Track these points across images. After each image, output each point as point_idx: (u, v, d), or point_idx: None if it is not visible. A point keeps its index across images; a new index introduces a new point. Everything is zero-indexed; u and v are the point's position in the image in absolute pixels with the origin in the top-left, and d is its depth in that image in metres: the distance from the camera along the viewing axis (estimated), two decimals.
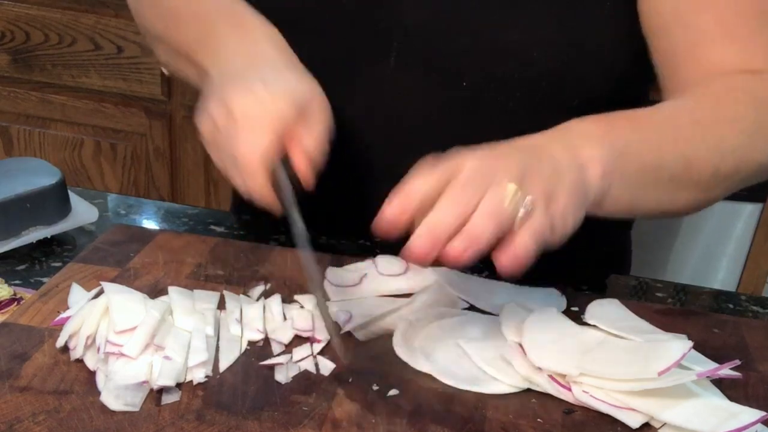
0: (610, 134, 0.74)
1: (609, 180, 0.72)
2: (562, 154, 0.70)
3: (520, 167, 0.65)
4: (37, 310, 0.72)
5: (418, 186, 0.65)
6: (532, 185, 0.65)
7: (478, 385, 0.68)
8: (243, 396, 0.64)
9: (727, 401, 0.67)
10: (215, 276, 0.80)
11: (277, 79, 0.74)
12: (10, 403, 0.61)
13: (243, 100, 0.72)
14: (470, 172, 0.65)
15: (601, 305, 0.81)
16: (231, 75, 0.77)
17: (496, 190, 0.63)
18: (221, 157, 0.75)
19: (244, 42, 0.82)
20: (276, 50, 0.80)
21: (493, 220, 0.62)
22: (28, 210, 0.85)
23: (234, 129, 0.72)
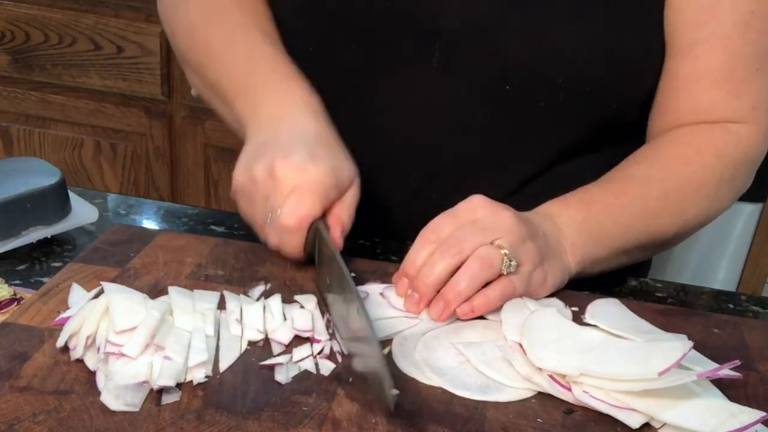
0: (587, 223, 0.84)
1: (584, 264, 0.85)
2: (551, 235, 0.82)
3: (525, 230, 0.77)
4: (37, 310, 0.72)
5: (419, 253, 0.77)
6: (529, 248, 0.77)
7: (490, 394, 0.68)
8: (243, 396, 0.64)
9: (727, 401, 0.67)
10: (215, 276, 0.80)
11: (321, 154, 0.80)
12: (10, 403, 0.61)
13: (288, 168, 0.77)
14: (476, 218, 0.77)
15: (601, 305, 0.81)
16: (273, 138, 0.82)
17: (489, 250, 0.75)
18: (252, 208, 0.82)
19: (285, 110, 0.85)
20: (318, 125, 0.84)
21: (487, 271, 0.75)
22: (28, 210, 0.85)
23: (275, 190, 0.78)
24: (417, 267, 0.76)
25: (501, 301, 0.76)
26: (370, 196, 0.85)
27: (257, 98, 0.87)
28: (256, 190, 0.79)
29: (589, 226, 0.84)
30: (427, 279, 0.74)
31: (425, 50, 0.91)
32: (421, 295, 0.75)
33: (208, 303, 0.73)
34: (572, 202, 0.86)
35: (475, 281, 0.74)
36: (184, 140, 2.15)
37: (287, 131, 0.82)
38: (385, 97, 0.94)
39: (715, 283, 2.10)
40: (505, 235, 0.75)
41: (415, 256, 0.76)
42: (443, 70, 0.91)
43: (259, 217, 0.81)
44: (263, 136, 0.83)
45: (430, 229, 0.77)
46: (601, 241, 0.85)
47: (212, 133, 2.11)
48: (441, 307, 0.74)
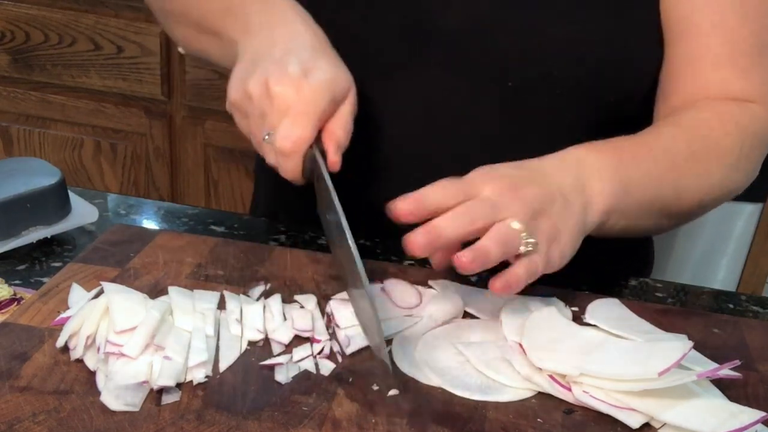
0: (619, 168, 0.80)
1: (608, 216, 0.79)
2: (572, 191, 0.76)
3: (534, 206, 0.72)
4: (37, 310, 0.72)
5: (433, 194, 0.71)
6: (540, 226, 0.72)
7: (490, 394, 0.68)
8: (243, 396, 0.64)
9: (727, 401, 0.67)
10: (215, 276, 0.80)
11: (315, 67, 0.78)
12: (10, 403, 0.61)
13: (283, 85, 0.75)
14: (485, 198, 0.71)
15: (601, 305, 0.81)
16: (266, 51, 0.80)
17: (505, 225, 0.70)
18: (248, 124, 0.80)
19: (276, 18, 0.84)
20: (310, 31, 0.83)
21: (501, 247, 0.69)
22: (28, 210, 0.85)
23: (271, 108, 0.76)
24: (430, 202, 0.70)
25: (527, 280, 0.71)
26: (371, 197, 0.85)
27: (246, 14, 0.85)
28: (252, 106, 0.78)
29: (620, 174, 0.80)
30: (440, 231, 0.68)
31: (425, 50, 0.91)
32: (430, 242, 0.68)
33: (208, 303, 0.73)
34: (603, 148, 0.81)
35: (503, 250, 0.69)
36: (184, 140, 2.15)
37: (281, 41, 0.80)
38: (385, 97, 0.94)
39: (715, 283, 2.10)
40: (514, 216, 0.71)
41: (429, 191, 0.71)
42: (443, 70, 0.91)
43: (256, 133, 0.79)
44: (256, 46, 0.81)
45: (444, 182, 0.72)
46: (630, 191, 0.80)
47: (212, 133, 2.11)
48: (472, 258, 0.67)
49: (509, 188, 0.72)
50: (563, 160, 0.79)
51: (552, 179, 0.76)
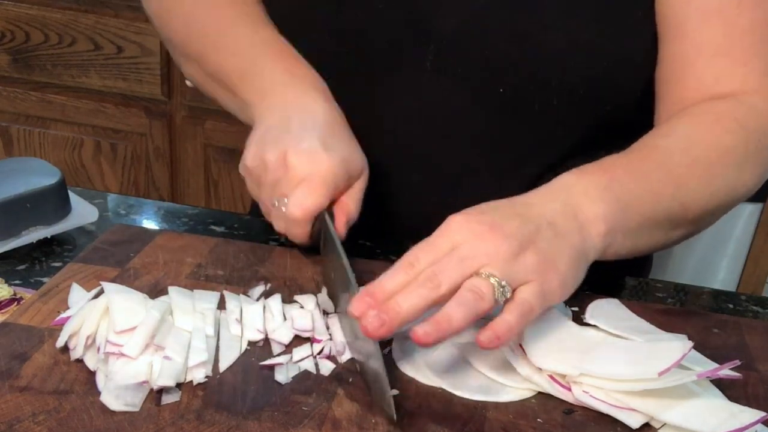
0: (611, 188, 0.76)
1: (611, 237, 0.75)
2: (562, 218, 0.72)
3: (515, 243, 0.67)
4: (37, 310, 0.72)
5: (389, 280, 0.66)
6: (526, 261, 0.67)
7: (490, 394, 0.68)
8: (243, 396, 0.64)
9: (727, 401, 0.67)
10: (215, 276, 0.80)
11: (333, 144, 0.80)
12: (10, 403, 0.61)
13: (300, 157, 0.77)
14: (453, 254, 0.67)
15: (601, 305, 0.81)
16: (285, 123, 0.82)
17: (473, 281, 0.65)
18: (260, 190, 0.82)
19: (295, 89, 0.85)
20: (329, 109, 0.84)
21: (467, 308, 0.64)
22: (28, 210, 0.85)
23: (285, 178, 0.78)
24: (387, 292, 0.65)
25: (522, 324, 0.66)
26: (370, 198, 0.85)
27: (264, 82, 0.87)
28: (266, 174, 0.80)
29: (614, 192, 0.75)
30: (399, 307, 0.63)
31: (419, 53, 0.91)
32: (387, 321, 0.62)
33: (208, 303, 0.73)
34: (591, 170, 0.78)
35: (469, 312, 0.63)
36: (184, 140, 2.15)
37: (298, 116, 0.82)
38: (380, 100, 0.94)
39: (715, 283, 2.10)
40: (489, 261, 0.66)
41: (386, 282, 0.65)
42: (437, 72, 0.91)
43: (267, 201, 0.81)
44: (273, 120, 0.83)
45: (405, 262, 0.66)
46: (629, 208, 0.76)
47: (212, 133, 2.11)
48: (430, 331, 0.62)
49: (486, 230, 0.67)
50: (549, 189, 0.76)
51: (536, 209, 0.72)
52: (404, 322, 0.63)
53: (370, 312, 0.63)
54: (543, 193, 0.75)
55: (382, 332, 0.62)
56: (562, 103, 0.90)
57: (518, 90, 0.90)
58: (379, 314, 0.62)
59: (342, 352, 0.71)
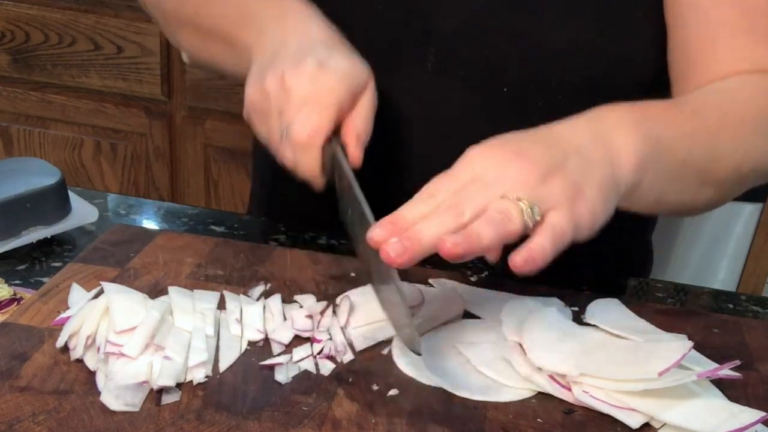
0: (645, 123, 0.72)
1: (642, 172, 0.70)
2: (592, 146, 0.68)
3: (541, 168, 0.64)
4: (37, 310, 0.72)
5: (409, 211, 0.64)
6: (554, 188, 0.64)
7: (490, 394, 0.68)
8: (243, 396, 0.64)
9: (727, 401, 0.67)
10: (215, 276, 0.80)
11: (331, 59, 0.76)
12: (10, 403, 0.61)
13: (299, 78, 0.73)
14: (476, 179, 0.64)
15: (601, 305, 0.81)
16: (281, 50, 0.78)
17: (501, 201, 0.62)
18: (267, 125, 0.77)
19: (288, 19, 0.82)
20: (323, 29, 0.81)
21: (495, 227, 0.61)
22: (28, 210, 0.85)
23: (287, 103, 0.73)
24: (408, 221, 0.62)
25: (555, 249, 0.62)
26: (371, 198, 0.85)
27: (260, 20, 0.84)
28: (268, 104, 0.75)
29: (647, 128, 0.71)
30: (421, 234, 0.61)
31: (419, 53, 0.90)
32: (407, 249, 0.60)
33: (208, 303, 0.73)
34: (624, 106, 0.73)
35: (499, 231, 0.60)
36: (184, 140, 2.15)
37: (295, 40, 0.79)
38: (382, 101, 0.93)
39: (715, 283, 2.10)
40: (515, 186, 0.63)
41: (406, 211, 0.63)
42: (438, 73, 0.91)
43: (275, 134, 0.76)
44: (270, 48, 0.80)
45: (426, 193, 0.65)
46: (662, 146, 0.72)
47: (212, 133, 2.11)
48: (460, 241, 0.59)
49: (510, 156, 0.65)
50: (578, 119, 0.72)
51: (564, 138, 0.69)
52: (426, 250, 0.60)
53: (391, 239, 0.60)
54: (571, 123, 0.71)
55: (404, 259, 0.60)
56: (562, 103, 0.90)
57: (519, 90, 0.90)
58: (400, 240, 0.60)
59: (342, 352, 0.71)
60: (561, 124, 0.71)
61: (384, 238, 0.61)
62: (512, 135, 0.69)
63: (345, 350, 0.71)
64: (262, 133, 0.79)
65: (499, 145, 0.67)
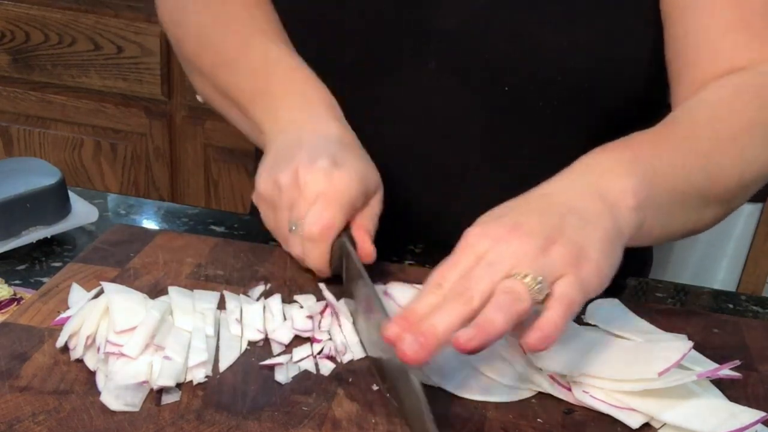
0: (637, 162, 0.72)
1: (643, 212, 0.70)
2: (587, 201, 0.68)
3: (540, 240, 0.64)
4: (37, 310, 0.72)
5: (421, 304, 0.63)
6: (555, 257, 0.63)
7: (490, 394, 0.68)
8: (243, 396, 0.64)
9: (727, 401, 0.67)
10: (215, 276, 0.80)
11: (346, 159, 0.78)
12: (10, 403, 0.61)
13: (314, 175, 0.75)
14: (480, 261, 0.64)
15: (601, 305, 0.80)
16: (296, 143, 0.79)
17: (507, 284, 0.62)
18: (275, 216, 0.80)
19: (306, 112, 0.84)
20: (340, 128, 0.83)
21: (506, 312, 0.60)
22: (28, 210, 0.85)
23: (300, 198, 0.76)
24: (420, 315, 0.62)
25: (566, 319, 0.62)
26: None
27: (276, 102, 0.85)
28: (280, 197, 0.78)
29: (640, 166, 0.71)
30: (435, 328, 0.60)
31: (420, 53, 0.90)
32: (423, 345, 0.59)
33: (208, 303, 0.73)
34: (612, 147, 0.73)
35: (509, 314, 0.60)
36: (184, 140, 2.15)
37: (310, 135, 0.80)
38: (382, 101, 0.93)
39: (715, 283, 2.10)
40: (518, 262, 0.63)
41: (417, 305, 0.63)
42: (439, 72, 0.91)
43: (283, 226, 0.79)
44: (285, 141, 0.81)
45: (432, 283, 0.64)
46: (657, 181, 0.72)
47: (212, 133, 2.11)
48: (473, 335, 0.59)
49: (507, 232, 0.65)
50: (569, 174, 0.72)
51: (557, 199, 0.69)
52: (441, 343, 0.60)
53: (406, 336, 0.60)
54: (562, 179, 0.71)
55: (421, 356, 0.59)
56: (563, 102, 0.90)
57: (519, 89, 0.90)
58: (416, 338, 0.59)
59: (342, 352, 0.71)
60: (552, 183, 0.71)
61: (397, 335, 0.61)
62: (505, 207, 0.69)
63: (345, 350, 0.71)
64: (269, 222, 0.81)
65: (494, 222, 0.66)
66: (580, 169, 0.72)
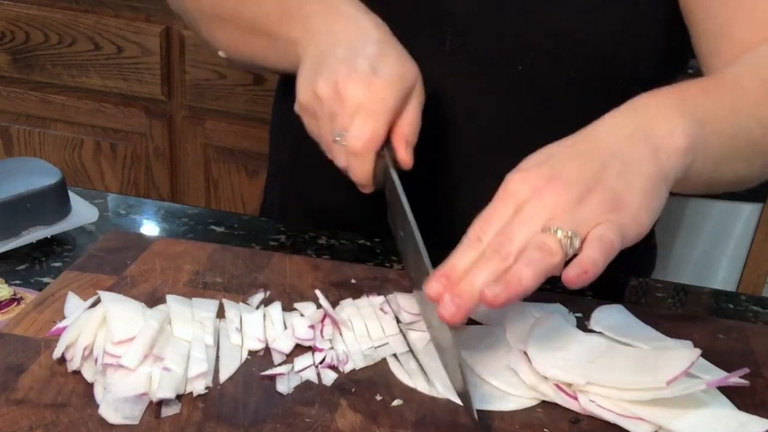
0: (686, 105, 0.70)
1: (691, 156, 0.69)
2: (632, 144, 0.67)
3: (578, 188, 0.64)
4: (33, 320, 0.71)
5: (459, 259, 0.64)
6: (593, 202, 0.63)
7: (495, 403, 0.67)
8: (244, 408, 0.63)
9: (735, 410, 0.67)
10: (214, 283, 0.79)
11: (383, 63, 0.76)
12: (6, 417, 0.59)
13: (352, 85, 0.74)
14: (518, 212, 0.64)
15: (605, 311, 0.80)
16: (330, 49, 0.78)
17: (538, 239, 0.62)
18: (318, 126, 0.78)
19: (337, 14, 0.82)
20: (373, 24, 0.81)
21: (536, 267, 0.60)
22: (28, 210, 0.85)
23: (341, 109, 0.74)
24: (460, 271, 0.63)
25: (605, 258, 0.61)
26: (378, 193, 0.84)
27: (305, 16, 0.84)
28: (321, 107, 0.77)
29: (689, 108, 0.70)
30: (472, 287, 0.61)
31: (436, 34, 0.91)
32: (463, 301, 0.61)
33: (207, 311, 0.72)
34: (661, 91, 0.72)
35: (539, 269, 0.60)
36: (184, 140, 2.14)
37: (344, 38, 0.79)
38: None
39: (715, 283, 2.10)
40: (553, 215, 0.63)
41: (456, 261, 0.64)
42: (455, 53, 0.91)
43: (326, 135, 0.78)
44: (320, 46, 0.80)
45: (473, 237, 0.65)
46: (707, 124, 0.70)
47: (212, 133, 2.10)
48: (499, 292, 0.60)
49: (545, 183, 0.64)
50: (617, 114, 0.70)
51: (601, 141, 0.68)
52: (477, 302, 0.61)
53: (445, 297, 0.61)
54: (608, 120, 0.70)
55: (459, 316, 0.61)
56: (577, 79, 0.89)
57: (533, 69, 0.90)
58: (453, 299, 0.61)
59: (344, 361, 0.70)
60: (598, 125, 0.70)
61: (438, 294, 0.62)
62: (546, 150, 0.68)
63: (347, 359, 0.70)
64: (312, 132, 0.80)
65: (534, 169, 0.66)
66: (627, 111, 0.71)
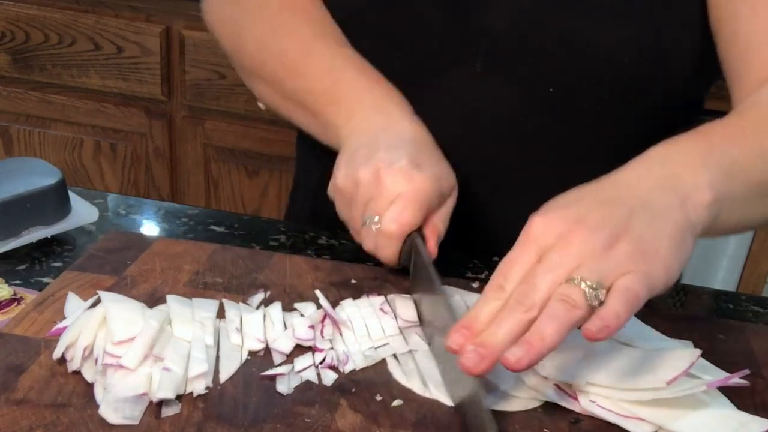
0: (713, 153, 0.70)
1: (717, 207, 0.68)
2: (659, 193, 0.66)
3: (604, 235, 0.62)
4: (33, 320, 0.71)
5: (482, 311, 0.63)
6: (621, 250, 0.61)
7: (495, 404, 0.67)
8: (244, 408, 0.63)
9: (736, 410, 0.67)
10: (214, 284, 0.79)
11: (424, 162, 0.80)
12: (6, 417, 0.59)
13: (395, 176, 0.77)
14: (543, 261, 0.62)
15: None
16: (372, 143, 0.81)
17: (561, 291, 0.60)
18: (350, 209, 0.81)
19: (380, 113, 0.86)
20: (416, 129, 0.85)
21: (559, 322, 0.59)
22: (28, 210, 0.85)
23: (379, 196, 0.78)
24: (482, 323, 0.62)
25: (629, 312, 0.60)
26: None
27: (349, 103, 0.87)
28: (357, 192, 0.79)
29: (715, 158, 0.69)
30: (495, 338, 0.60)
31: (468, 54, 0.90)
32: (486, 354, 0.59)
33: (207, 311, 0.72)
34: (686, 138, 0.71)
35: (562, 324, 0.59)
36: (184, 140, 2.14)
37: (385, 136, 0.82)
38: (429, 103, 0.92)
39: (715, 283, 2.10)
40: (579, 263, 0.61)
41: (478, 311, 0.62)
42: (487, 72, 0.91)
43: (357, 219, 0.81)
44: (361, 141, 0.83)
45: (495, 285, 0.63)
46: (734, 173, 0.69)
47: (212, 133, 2.10)
48: (521, 355, 0.58)
49: (571, 228, 0.62)
50: (641, 163, 0.69)
51: (627, 189, 0.67)
52: (503, 351, 0.59)
53: (467, 347, 0.60)
54: (634, 168, 0.69)
55: (482, 367, 0.59)
56: (611, 101, 0.89)
57: (566, 89, 0.90)
58: (476, 349, 0.59)
59: (345, 362, 0.70)
60: (624, 172, 0.69)
61: (460, 345, 0.61)
62: (572, 195, 0.67)
63: (347, 359, 0.70)
64: (343, 214, 0.84)
65: (559, 213, 0.64)
66: (653, 159, 0.70)
